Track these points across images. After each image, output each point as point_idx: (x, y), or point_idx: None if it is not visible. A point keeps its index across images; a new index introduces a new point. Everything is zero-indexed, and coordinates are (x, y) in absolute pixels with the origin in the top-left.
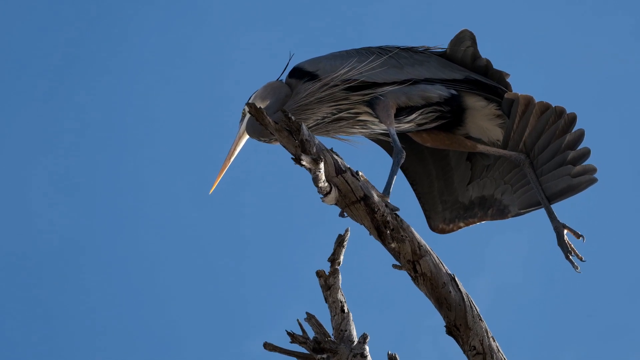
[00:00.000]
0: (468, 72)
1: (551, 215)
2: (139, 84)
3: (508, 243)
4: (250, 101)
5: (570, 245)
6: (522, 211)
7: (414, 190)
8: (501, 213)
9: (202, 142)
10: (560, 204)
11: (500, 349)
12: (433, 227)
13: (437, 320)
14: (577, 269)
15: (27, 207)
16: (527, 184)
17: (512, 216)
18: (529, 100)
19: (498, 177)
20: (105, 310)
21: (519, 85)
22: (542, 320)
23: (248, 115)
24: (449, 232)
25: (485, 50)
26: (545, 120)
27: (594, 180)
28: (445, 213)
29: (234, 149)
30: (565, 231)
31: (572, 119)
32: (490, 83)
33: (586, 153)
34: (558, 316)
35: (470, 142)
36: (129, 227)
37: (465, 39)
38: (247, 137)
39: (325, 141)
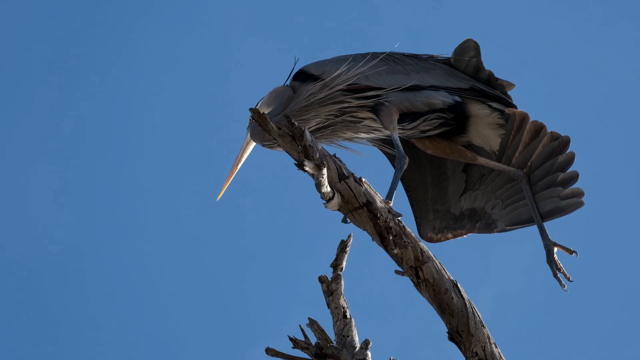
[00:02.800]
0: (473, 81)
1: (543, 233)
2: (140, 88)
3: (510, 253)
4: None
5: (559, 264)
6: (508, 227)
7: (408, 196)
8: (488, 227)
9: (204, 148)
10: (568, 216)
11: (502, 355)
12: (422, 235)
13: (440, 328)
14: (564, 287)
15: (28, 212)
16: (517, 201)
17: (498, 231)
18: (524, 117)
19: (490, 191)
20: (107, 318)
21: (524, 94)
22: (543, 329)
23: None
24: (436, 241)
25: (491, 58)
26: (539, 141)
27: (581, 204)
28: (436, 222)
29: (241, 156)
30: (556, 249)
31: (566, 142)
32: (494, 93)
33: (575, 176)
34: (559, 325)
35: (470, 153)
36: (130, 233)
37: (469, 48)
38: (254, 143)
39: (328, 147)
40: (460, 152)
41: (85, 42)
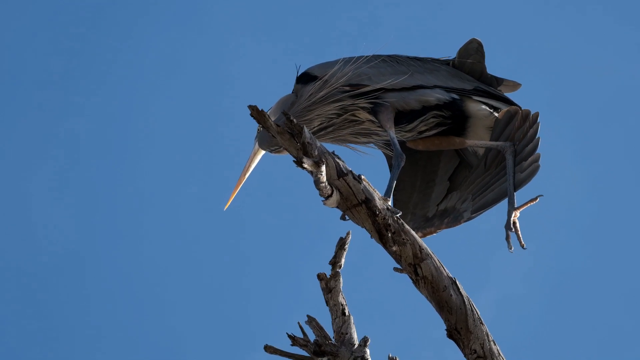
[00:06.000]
0: (477, 82)
1: (510, 201)
2: (140, 90)
3: (511, 256)
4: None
5: (517, 231)
6: (473, 215)
7: (393, 195)
8: (455, 220)
9: (204, 149)
10: (569, 220)
11: (500, 353)
12: None
13: (438, 325)
14: (511, 249)
15: (28, 215)
16: (485, 189)
17: (465, 221)
18: (506, 111)
19: (464, 189)
20: (107, 321)
21: (528, 96)
22: (544, 332)
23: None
24: None
25: (493, 60)
26: (513, 123)
27: (536, 169)
28: (410, 224)
29: (249, 165)
30: (518, 214)
31: (535, 118)
32: (499, 94)
33: (536, 144)
34: (560, 328)
35: (459, 139)
36: (130, 236)
37: (473, 50)
38: (262, 152)
39: (328, 145)
40: (449, 141)
41: (85, 43)
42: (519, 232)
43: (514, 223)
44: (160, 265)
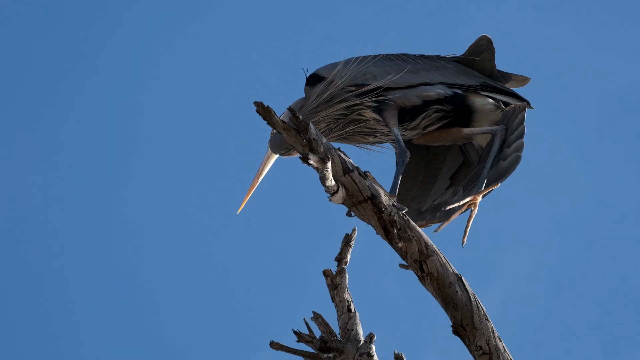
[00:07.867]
0: (484, 78)
1: (478, 184)
2: (141, 91)
3: (515, 257)
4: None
5: (469, 219)
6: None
7: None
8: (447, 214)
9: (204, 148)
10: (573, 220)
11: (506, 349)
12: None
13: (446, 326)
14: (437, 230)
15: (28, 215)
16: (474, 180)
17: (456, 215)
18: (507, 108)
19: (457, 184)
20: (110, 321)
21: (529, 94)
22: (548, 331)
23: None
24: None
25: (497, 60)
26: (513, 116)
27: (518, 159)
28: None
29: (262, 169)
30: (476, 197)
31: (523, 108)
32: (506, 89)
33: (521, 132)
34: (564, 327)
35: (456, 129)
36: (132, 235)
37: (483, 47)
38: (275, 157)
39: (335, 143)
40: (448, 133)
41: (86, 44)
42: (470, 222)
43: (472, 209)
44: (163, 264)
